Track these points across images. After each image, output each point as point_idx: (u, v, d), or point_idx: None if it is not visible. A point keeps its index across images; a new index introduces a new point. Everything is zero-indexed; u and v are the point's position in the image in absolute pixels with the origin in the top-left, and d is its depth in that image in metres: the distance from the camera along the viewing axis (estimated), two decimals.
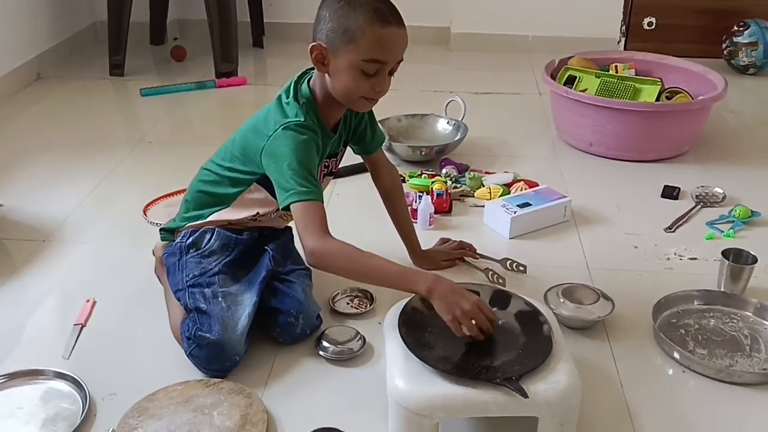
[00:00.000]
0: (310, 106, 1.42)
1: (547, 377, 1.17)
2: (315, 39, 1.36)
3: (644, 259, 1.80)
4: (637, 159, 2.31)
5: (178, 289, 1.48)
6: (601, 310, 1.52)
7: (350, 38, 1.31)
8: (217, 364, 1.37)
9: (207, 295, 1.42)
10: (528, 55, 3.39)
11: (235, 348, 1.37)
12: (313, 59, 1.36)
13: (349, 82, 1.36)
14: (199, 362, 1.38)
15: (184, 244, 1.52)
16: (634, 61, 2.63)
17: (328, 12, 1.33)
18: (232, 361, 1.38)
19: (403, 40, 1.35)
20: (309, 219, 1.32)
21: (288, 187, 1.33)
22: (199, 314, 1.40)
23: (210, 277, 1.46)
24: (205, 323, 1.37)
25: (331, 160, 1.55)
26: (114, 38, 3.12)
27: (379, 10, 1.31)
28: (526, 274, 1.72)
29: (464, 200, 2.09)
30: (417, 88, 3.00)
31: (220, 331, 1.36)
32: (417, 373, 1.18)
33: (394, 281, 1.31)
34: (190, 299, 1.43)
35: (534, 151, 2.44)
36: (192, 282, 1.46)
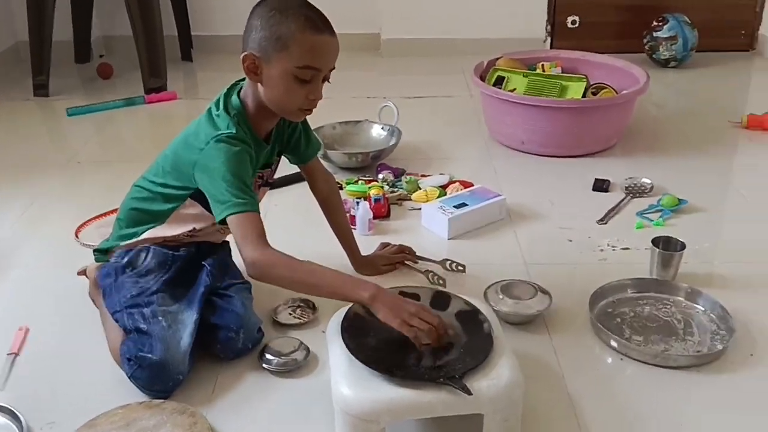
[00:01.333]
0: (242, 117, 1.41)
1: (490, 374, 1.19)
2: (246, 48, 1.35)
3: (579, 252, 1.85)
4: (568, 154, 2.37)
5: (115, 310, 1.45)
6: (540, 305, 1.56)
7: (283, 45, 1.31)
8: (160, 385, 1.35)
9: (146, 315, 1.39)
10: (458, 58, 3.44)
11: (178, 367, 1.35)
12: (245, 69, 1.36)
13: (283, 91, 1.36)
14: (141, 384, 1.35)
15: (119, 265, 1.49)
16: (559, 59, 2.70)
17: (259, 21, 1.33)
18: (176, 380, 1.36)
19: (335, 48, 1.36)
20: (247, 231, 1.31)
21: (223, 200, 1.32)
22: (139, 335, 1.37)
23: (148, 296, 1.43)
24: (146, 343, 1.35)
25: (266, 171, 1.54)
26: (36, 58, 3.04)
27: (311, 18, 1.32)
28: (466, 274, 1.74)
29: (402, 204, 2.10)
30: (350, 95, 3.01)
31: (162, 351, 1.33)
32: (361, 378, 1.19)
33: (336, 290, 1.31)
34: (129, 320, 1.40)
35: (468, 152, 2.47)
36: (130, 302, 1.43)
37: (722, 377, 1.41)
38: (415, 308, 1.24)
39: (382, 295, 1.26)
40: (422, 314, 1.24)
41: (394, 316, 1.23)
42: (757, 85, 3.24)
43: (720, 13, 3.47)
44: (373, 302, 1.25)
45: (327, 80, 1.40)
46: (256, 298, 1.56)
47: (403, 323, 1.22)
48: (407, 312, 1.23)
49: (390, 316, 1.24)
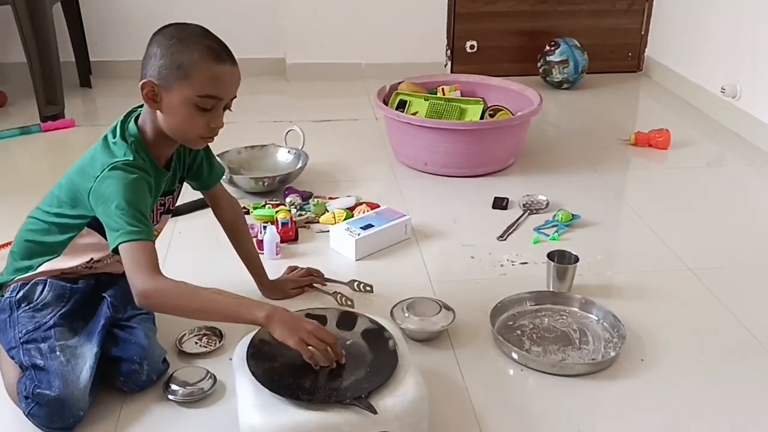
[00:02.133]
0: (139, 144, 1.39)
1: (395, 391, 1.22)
2: (145, 76, 1.34)
3: (480, 268, 1.91)
4: (469, 174, 2.45)
5: (11, 347, 1.39)
6: (444, 320, 1.60)
7: (184, 74, 1.31)
8: (60, 422, 1.31)
9: (43, 351, 1.35)
10: (362, 82, 3.50)
11: (78, 403, 1.31)
12: (144, 96, 1.35)
13: (183, 119, 1.36)
14: (39, 421, 1.31)
15: (14, 299, 1.44)
16: (458, 83, 2.78)
17: (159, 49, 1.33)
18: (76, 416, 1.32)
19: (236, 78, 1.37)
20: (137, 259, 1.28)
21: (116, 228, 1.30)
22: (36, 371, 1.33)
23: (45, 331, 1.39)
24: (44, 380, 1.31)
25: (167, 198, 1.53)
26: None
27: (213, 48, 1.33)
28: (374, 293, 1.77)
29: (310, 227, 2.12)
30: (256, 120, 3.01)
31: (60, 387, 1.29)
32: (268, 404, 1.19)
33: (231, 314, 1.31)
34: (25, 356, 1.36)
35: (374, 173, 2.52)
36: (26, 338, 1.38)
37: (616, 382, 1.48)
38: (312, 327, 1.26)
39: (278, 314, 1.27)
40: (319, 333, 1.26)
41: (290, 335, 1.24)
42: (645, 105, 3.44)
43: (608, 37, 3.67)
44: (269, 322, 1.26)
45: (229, 108, 1.41)
46: (160, 326, 1.54)
47: (299, 341, 1.24)
48: (304, 330, 1.25)
49: (286, 335, 1.25)
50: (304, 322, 1.28)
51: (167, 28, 1.35)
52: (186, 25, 1.35)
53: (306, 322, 1.28)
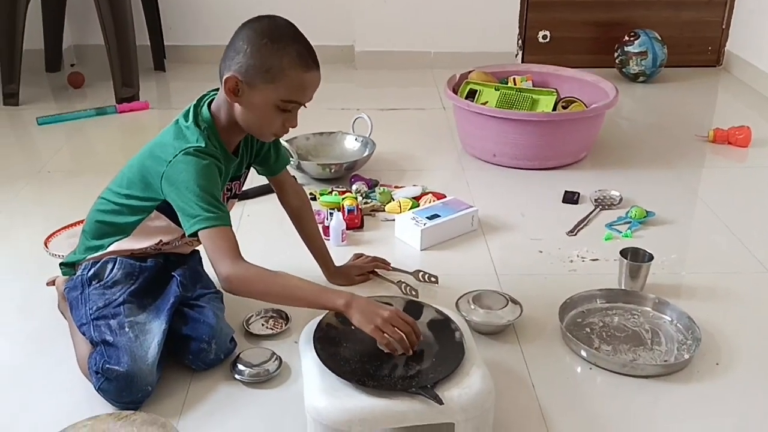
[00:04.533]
0: (212, 130, 1.40)
1: (461, 383, 1.20)
2: (230, 69, 1.34)
3: (549, 263, 1.87)
4: (538, 167, 2.40)
5: (82, 323, 1.42)
6: (511, 315, 1.57)
7: (271, 78, 1.32)
8: (129, 396, 1.34)
9: (113, 327, 1.38)
10: (431, 71, 3.47)
11: (146, 378, 1.34)
12: (226, 89, 1.35)
13: (262, 117, 1.37)
14: (109, 396, 1.34)
15: (85, 277, 1.47)
16: (530, 73, 2.73)
17: (249, 47, 1.32)
18: (144, 391, 1.34)
19: (318, 81, 1.38)
20: (219, 245, 1.30)
21: (193, 214, 1.31)
22: (106, 347, 1.36)
23: (115, 307, 1.42)
24: (113, 355, 1.33)
25: (234, 183, 1.54)
26: (7, 66, 3.01)
27: (303, 54, 1.33)
28: (438, 285, 1.75)
29: (375, 215, 2.11)
30: (324, 107, 3.01)
31: (129, 363, 1.32)
32: (334, 388, 1.19)
33: (311, 300, 1.32)
34: (96, 332, 1.39)
35: (440, 163, 2.49)
36: (96, 315, 1.41)
37: (689, 386, 1.43)
38: (389, 314, 1.25)
39: (356, 302, 1.27)
40: (395, 320, 1.25)
41: (367, 322, 1.24)
42: (724, 100, 3.31)
43: (687, 30, 3.55)
44: (348, 309, 1.26)
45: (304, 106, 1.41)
46: (228, 308, 1.55)
47: (376, 329, 1.23)
48: (380, 318, 1.24)
49: (364, 322, 1.24)
50: (381, 309, 1.26)
51: (258, 23, 1.34)
52: (277, 23, 1.35)
53: (383, 309, 1.26)
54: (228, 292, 1.33)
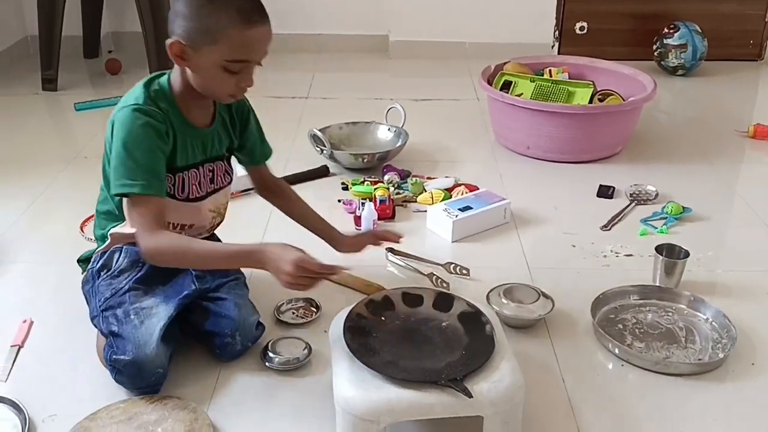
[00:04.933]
0: (162, 93, 1.37)
1: (491, 376, 1.19)
2: (172, 34, 1.30)
3: (582, 257, 1.85)
4: (573, 160, 2.37)
5: (93, 316, 1.42)
6: (542, 309, 1.56)
7: (213, 40, 1.27)
8: (142, 382, 1.33)
9: (119, 317, 1.36)
10: (465, 62, 3.45)
11: (152, 362, 1.32)
12: (171, 55, 1.32)
13: (212, 80, 1.33)
14: (126, 385, 1.35)
15: (94, 269, 1.46)
16: (567, 65, 2.70)
17: (188, 8, 1.29)
18: (156, 374, 1.33)
19: (267, 36, 1.32)
20: (136, 217, 1.31)
21: (117, 176, 1.30)
22: (113, 338, 1.35)
23: (120, 296, 1.40)
24: (120, 346, 1.32)
25: (217, 164, 1.49)
26: (46, 52, 3.05)
27: (243, 10, 1.27)
28: (469, 277, 1.74)
29: (407, 206, 2.10)
30: (357, 96, 3.02)
31: (133, 350, 1.30)
32: (363, 379, 1.19)
33: (228, 262, 1.35)
34: (104, 324, 1.38)
35: (473, 155, 2.48)
36: (104, 306, 1.40)
37: (723, 386, 1.41)
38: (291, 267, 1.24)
39: (267, 254, 1.28)
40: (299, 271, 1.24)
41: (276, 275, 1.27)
42: (765, 95, 3.24)
43: (727, 23, 3.47)
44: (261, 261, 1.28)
45: (259, 64, 1.36)
46: (259, 295, 1.56)
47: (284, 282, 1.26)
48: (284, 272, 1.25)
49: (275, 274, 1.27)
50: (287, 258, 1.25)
51: None
52: None
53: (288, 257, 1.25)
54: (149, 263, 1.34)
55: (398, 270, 1.80)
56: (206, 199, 1.49)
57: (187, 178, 1.44)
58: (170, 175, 1.40)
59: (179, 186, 1.43)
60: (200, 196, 1.47)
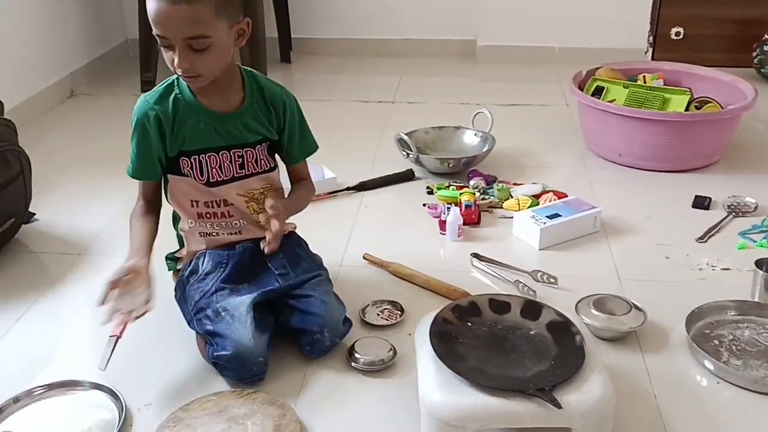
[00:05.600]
0: (178, 84, 1.47)
1: (581, 388, 1.17)
2: None
3: (676, 270, 1.79)
4: (667, 169, 2.30)
5: (188, 320, 1.50)
6: (634, 321, 1.52)
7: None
8: (246, 373, 1.38)
9: (210, 316, 1.42)
10: (554, 67, 3.39)
11: (253, 353, 1.37)
12: None
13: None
14: (232, 378, 1.40)
15: (184, 276, 1.54)
16: (662, 71, 2.62)
17: None
18: (259, 364, 1.38)
19: (175, 17, 1.30)
20: None
21: None
22: (211, 337, 1.41)
23: (208, 297, 1.46)
24: (219, 343, 1.39)
25: (246, 151, 1.51)
26: (145, 55, 3.17)
27: None
28: (557, 286, 1.71)
29: (492, 212, 2.09)
30: (443, 101, 3.02)
31: (233, 345, 1.36)
32: (449, 384, 1.19)
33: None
34: (199, 326, 1.45)
35: (562, 161, 2.43)
36: (195, 309, 1.47)
37: None
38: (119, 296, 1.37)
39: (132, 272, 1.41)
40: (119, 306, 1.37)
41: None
42: None
43: None
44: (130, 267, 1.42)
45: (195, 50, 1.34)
46: (344, 296, 1.56)
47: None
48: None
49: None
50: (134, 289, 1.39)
51: None
52: None
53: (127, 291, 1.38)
54: None
55: (483, 276, 1.78)
56: (231, 184, 1.51)
57: (205, 162, 1.49)
58: (186, 159, 1.48)
59: (197, 169, 1.49)
60: (222, 180, 1.51)
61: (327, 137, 2.69)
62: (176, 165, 1.49)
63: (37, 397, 1.38)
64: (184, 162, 1.48)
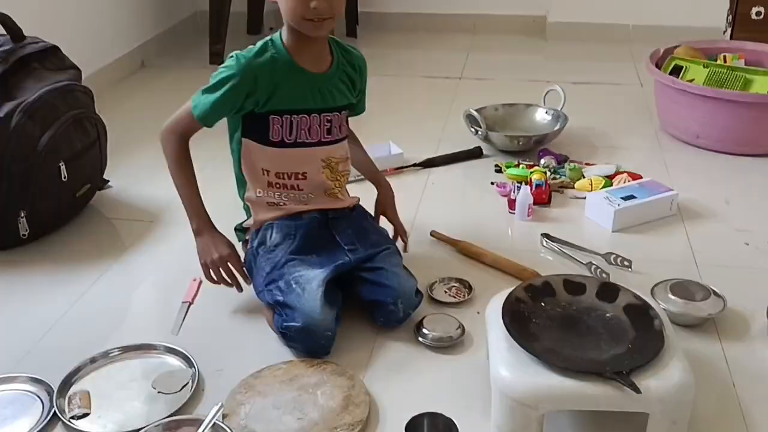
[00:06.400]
0: (273, 44, 1.47)
1: (659, 373, 1.14)
2: None
3: (757, 257, 1.73)
4: (748, 153, 2.21)
5: (259, 291, 1.50)
6: (712, 308, 1.47)
7: None
8: (314, 344, 1.39)
9: (282, 287, 1.43)
10: (628, 45, 3.29)
11: (321, 325, 1.37)
12: None
13: (289, 4, 1.38)
14: (298, 349, 1.41)
15: (254, 248, 1.54)
16: (743, 51, 2.51)
17: None
18: (326, 337, 1.39)
19: None
20: (179, 116, 1.53)
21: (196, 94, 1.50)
22: (281, 307, 1.42)
23: (279, 269, 1.46)
24: (288, 314, 1.39)
25: (334, 116, 1.53)
26: (215, 28, 3.20)
27: None
28: (631, 270, 1.67)
29: (563, 192, 2.04)
30: (512, 78, 2.97)
31: (302, 316, 1.37)
32: (522, 363, 1.17)
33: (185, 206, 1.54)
34: (269, 296, 1.45)
35: (636, 142, 2.37)
36: (267, 280, 1.47)
37: None
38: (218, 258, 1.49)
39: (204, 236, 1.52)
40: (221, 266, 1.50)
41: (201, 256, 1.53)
42: None
43: None
44: (195, 235, 1.53)
45: None
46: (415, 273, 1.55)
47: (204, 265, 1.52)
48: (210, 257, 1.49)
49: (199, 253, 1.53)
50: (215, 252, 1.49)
51: None
52: None
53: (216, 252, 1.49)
54: None
55: (554, 257, 1.75)
56: (318, 147, 1.52)
57: (296, 122, 1.48)
58: (277, 116, 1.47)
59: (287, 128, 1.48)
60: (310, 143, 1.51)
61: (393, 113, 2.68)
62: (262, 124, 1.48)
63: (113, 359, 1.42)
64: (274, 120, 1.47)
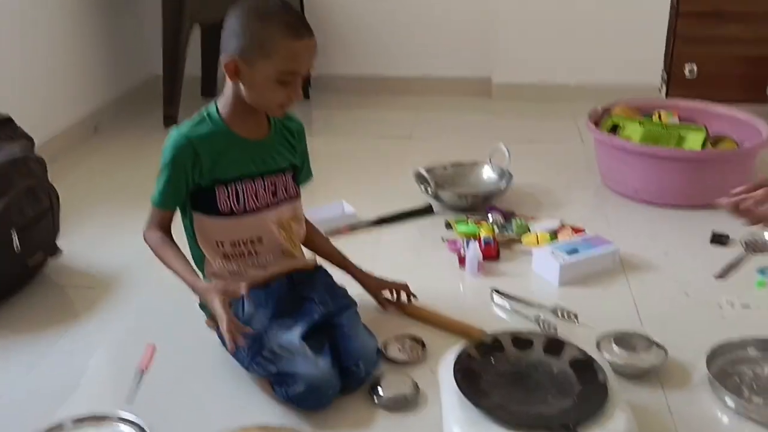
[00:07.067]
0: (209, 117, 1.51)
1: (605, 424, 1.18)
2: (227, 51, 1.43)
3: (695, 307, 1.80)
4: (684, 205, 2.31)
5: (246, 366, 1.50)
6: (655, 358, 1.52)
7: (266, 54, 1.39)
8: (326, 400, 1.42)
9: (268, 357, 1.45)
10: (569, 104, 3.42)
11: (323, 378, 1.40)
12: (227, 71, 1.44)
13: (265, 92, 1.44)
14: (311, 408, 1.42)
15: None
16: (678, 108, 2.65)
17: (240, 27, 1.41)
18: (333, 388, 1.42)
19: (313, 49, 1.44)
20: (150, 215, 1.55)
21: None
22: (277, 377, 1.43)
23: (260, 340, 1.48)
24: (288, 381, 1.41)
25: (278, 177, 1.58)
26: (168, 91, 3.23)
27: (291, 24, 1.40)
28: (578, 323, 1.72)
29: (512, 247, 2.11)
30: (460, 137, 3.06)
31: (303, 379, 1.39)
32: (473, 421, 1.21)
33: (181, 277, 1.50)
34: (260, 368, 1.46)
35: (579, 197, 2.46)
36: (251, 353, 1.48)
37: None
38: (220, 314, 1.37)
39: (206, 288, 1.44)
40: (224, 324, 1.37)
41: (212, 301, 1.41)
42: None
43: None
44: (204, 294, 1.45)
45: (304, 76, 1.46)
46: None
47: (221, 294, 1.41)
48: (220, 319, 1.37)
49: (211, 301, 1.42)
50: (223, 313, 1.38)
51: (247, 2, 1.43)
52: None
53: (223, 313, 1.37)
54: None
55: (503, 311, 1.80)
56: (267, 210, 1.56)
57: (241, 189, 1.53)
58: (224, 187, 1.51)
59: (233, 197, 1.52)
60: (259, 207, 1.55)
61: (346, 172, 2.73)
62: (209, 197, 1.51)
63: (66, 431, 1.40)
64: (220, 190, 1.51)
